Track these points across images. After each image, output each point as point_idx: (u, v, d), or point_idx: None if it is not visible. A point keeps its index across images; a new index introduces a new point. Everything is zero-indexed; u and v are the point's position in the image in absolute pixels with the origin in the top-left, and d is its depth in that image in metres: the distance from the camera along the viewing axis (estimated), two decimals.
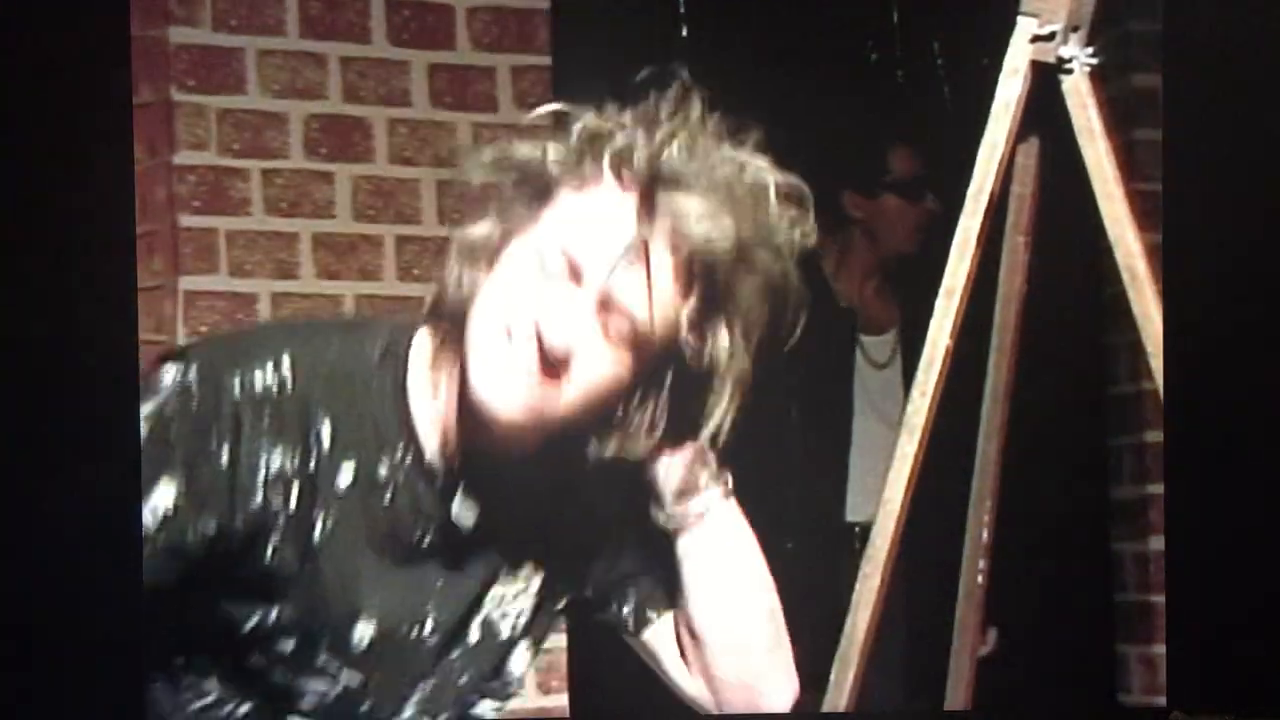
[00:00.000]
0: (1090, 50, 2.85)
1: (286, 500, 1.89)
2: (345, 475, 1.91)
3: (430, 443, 1.91)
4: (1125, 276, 2.84)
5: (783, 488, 4.08)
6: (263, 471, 1.88)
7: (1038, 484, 3.77)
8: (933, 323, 2.85)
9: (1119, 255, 2.83)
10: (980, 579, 3.09)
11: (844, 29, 4.63)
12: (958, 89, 4.52)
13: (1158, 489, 3.82)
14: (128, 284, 2.58)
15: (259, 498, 1.88)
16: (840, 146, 4.22)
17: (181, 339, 3.85)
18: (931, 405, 2.84)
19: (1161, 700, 3.05)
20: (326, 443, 1.90)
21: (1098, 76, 2.86)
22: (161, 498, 1.90)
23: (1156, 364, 2.80)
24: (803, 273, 4.05)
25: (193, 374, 1.90)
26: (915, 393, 2.86)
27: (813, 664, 3.65)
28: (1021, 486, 3.16)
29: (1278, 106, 2.72)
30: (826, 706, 2.86)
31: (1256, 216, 2.73)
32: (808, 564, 4.03)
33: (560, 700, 3.89)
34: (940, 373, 2.84)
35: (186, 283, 3.86)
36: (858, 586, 2.85)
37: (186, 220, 3.87)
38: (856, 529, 3.99)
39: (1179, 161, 2.74)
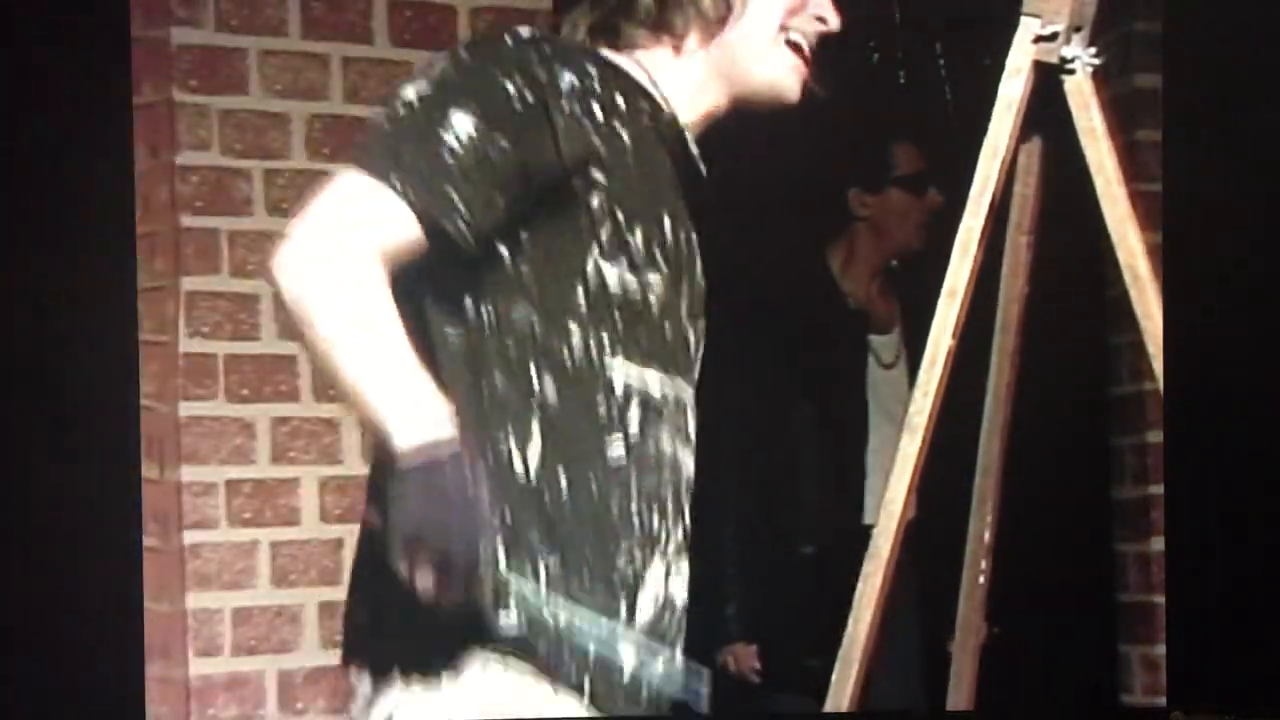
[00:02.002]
0: (1093, 50, 2.85)
1: (581, 107, 2.20)
2: (619, 98, 2.25)
3: None
4: (1127, 277, 2.83)
5: (801, 491, 4.08)
6: (544, 83, 2.17)
7: (1040, 484, 3.77)
8: (935, 323, 2.85)
9: (1121, 256, 2.83)
10: (982, 579, 3.09)
11: (846, 29, 4.63)
12: (960, 89, 4.52)
13: (1159, 489, 3.82)
14: (128, 284, 2.58)
15: (556, 105, 2.18)
16: (844, 145, 4.23)
17: (183, 340, 3.85)
18: (934, 405, 2.84)
19: (1163, 701, 3.05)
20: (594, 72, 2.23)
21: (1100, 77, 2.86)
22: (462, 125, 2.13)
23: (1158, 364, 2.80)
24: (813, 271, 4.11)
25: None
26: (918, 393, 2.86)
27: (824, 666, 3.68)
28: (1023, 486, 3.16)
29: (1278, 106, 2.73)
30: (828, 706, 2.86)
31: (1257, 216, 2.73)
32: (826, 568, 4.03)
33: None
34: (943, 373, 2.84)
35: (188, 283, 3.86)
36: (860, 586, 2.85)
37: (188, 221, 3.87)
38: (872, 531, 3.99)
39: (1179, 161, 2.74)
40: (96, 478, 2.57)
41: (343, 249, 2.06)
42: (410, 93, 2.15)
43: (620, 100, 2.23)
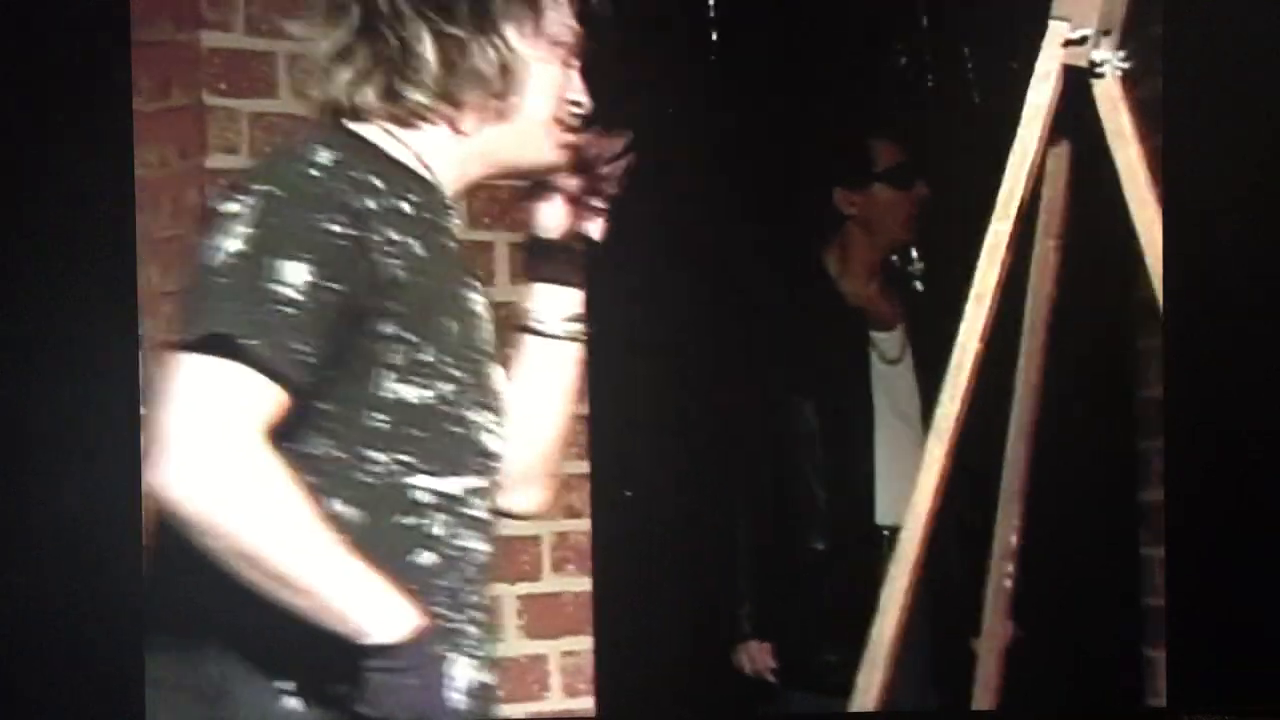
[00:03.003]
0: (1122, 54, 2.85)
1: (386, 234, 2.21)
2: (405, 206, 2.26)
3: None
4: (1155, 280, 2.83)
5: (810, 489, 4.09)
6: (357, 213, 2.19)
7: (1066, 488, 3.76)
8: (963, 326, 2.85)
9: (1149, 260, 2.83)
10: (1008, 582, 3.09)
11: (874, 33, 4.65)
12: (988, 93, 4.52)
13: None
14: (128, 284, 2.59)
15: (365, 237, 2.19)
16: (826, 144, 4.26)
17: None
18: (961, 409, 2.84)
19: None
20: (384, 187, 2.24)
21: (1129, 81, 2.86)
22: (296, 275, 2.13)
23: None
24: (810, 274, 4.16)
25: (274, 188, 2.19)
26: (944, 396, 2.86)
27: (840, 662, 3.67)
28: (1050, 490, 3.16)
29: (1278, 106, 2.73)
30: (854, 707, 2.86)
31: (1257, 216, 2.73)
32: (839, 564, 4.04)
33: (586, 703, 3.90)
34: (970, 377, 2.84)
35: None
36: (885, 589, 2.85)
37: None
38: (886, 532, 4.00)
39: (1179, 162, 2.75)
40: (98, 479, 2.58)
41: (229, 450, 2.06)
42: (233, 245, 2.14)
43: (409, 206, 2.26)
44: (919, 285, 4.61)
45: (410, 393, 2.22)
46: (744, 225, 4.54)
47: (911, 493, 2.88)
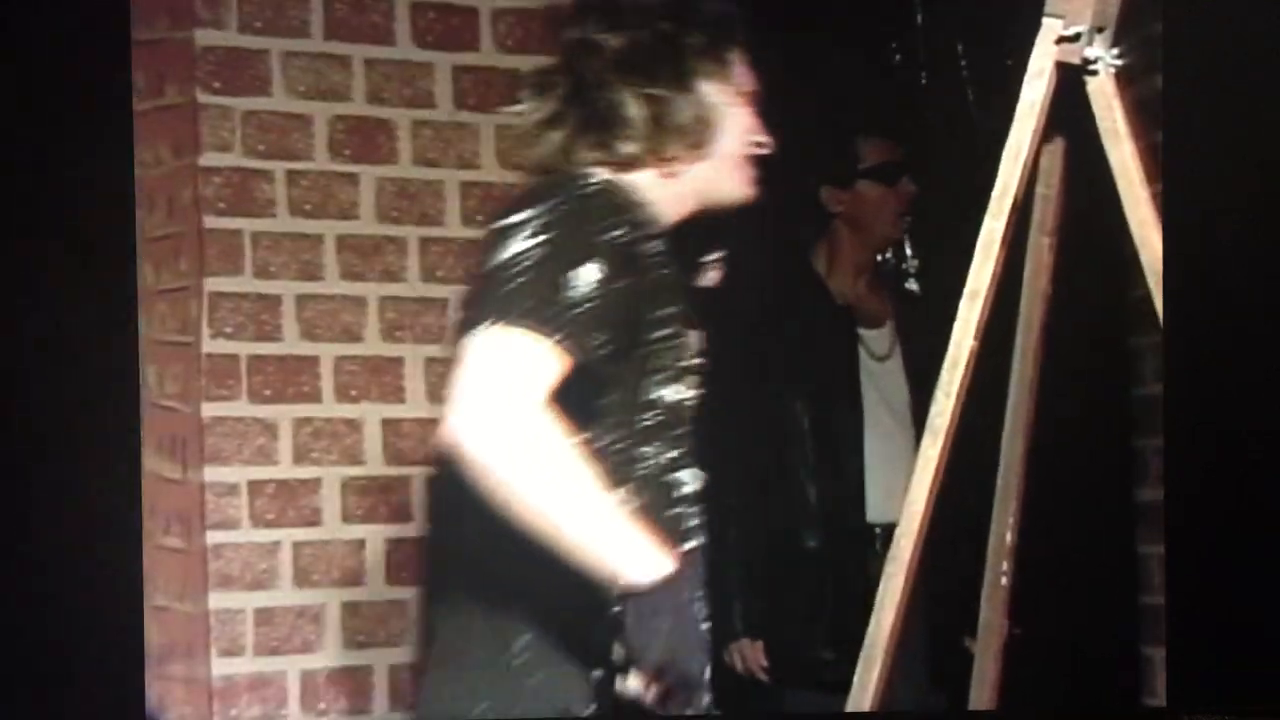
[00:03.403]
0: (1115, 51, 2.85)
1: (653, 246, 2.51)
2: (652, 228, 2.55)
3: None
4: (1150, 278, 2.83)
5: (801, 488, 4.10)
6: (629, 224, 2.49)
7: (1062, 486, 3.76)
8: (957, 324, 2.85)
9: (1144, 257, 2.83)
10: (1004, 579, 3.09)
11: (869, 31, 4.65)
12: (982, 90, 4.53)
13: None
14: (128, 283, 2.59)
15: (638, 247, 2.48)
16: (812, 141, 4.27)
17: (206, 340, 3.86)
18: (956, 406, 2.84)
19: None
20: (638, 208, 2.54)
21: (1123, 78, 2.86)
22: (591, 275, 2.41)
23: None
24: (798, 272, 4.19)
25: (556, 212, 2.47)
26: (940, 394, 2.86)
27: (832, 660, 3.67)
28: (1046, 488, 3.16)
29: (1278, 107, 2.73)
30: (850, 707, 2.86)
31: (1257, 216, 2.74)
32: (830, 561, 4.04)
33: None
34: (965, 374, 2.84)
35: (211, 284, 3.88)
36: (881, 587, 2.85)
37: (211, 222, 3.89)
38: (878, 530, 4.01)
39: (1179, 163, 2.75)
40: (99, 479, 2.58)
41: (517, 412, 2.31)
42: (523, 246, 2.41)
43: (651, 228, 2.53)
44: (914, 284, 4.62)
45: (672, 393, 2.53)
46: (735, 223, 4.54)
47: (903, 490, 2.88)
